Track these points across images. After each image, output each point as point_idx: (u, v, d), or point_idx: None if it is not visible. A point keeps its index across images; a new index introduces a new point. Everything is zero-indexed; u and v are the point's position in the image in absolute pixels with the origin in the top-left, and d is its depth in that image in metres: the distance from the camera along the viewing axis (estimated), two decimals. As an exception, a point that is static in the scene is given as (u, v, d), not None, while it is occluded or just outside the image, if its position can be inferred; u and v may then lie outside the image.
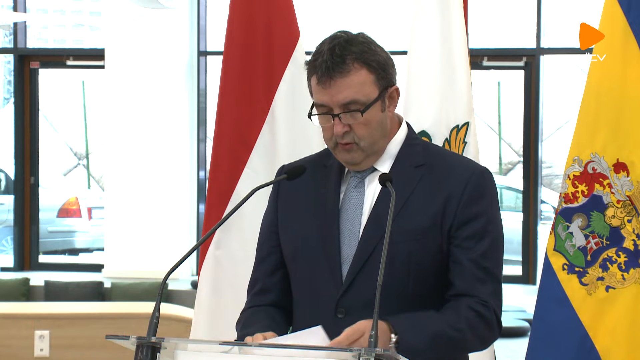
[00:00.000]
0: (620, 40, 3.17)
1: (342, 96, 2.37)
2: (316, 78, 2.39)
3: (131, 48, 9.80)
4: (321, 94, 2.39)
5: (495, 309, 2.43)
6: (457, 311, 2.39)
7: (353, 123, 2.39)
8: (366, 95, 2.39)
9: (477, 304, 2.40)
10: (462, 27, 3.53)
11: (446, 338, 2.35)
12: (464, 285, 2.41)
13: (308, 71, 2.44)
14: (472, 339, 2.41)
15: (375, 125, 2.42)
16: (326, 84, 2.37)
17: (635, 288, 3.16)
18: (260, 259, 2.60)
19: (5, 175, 12.10)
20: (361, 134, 2.40)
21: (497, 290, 2.45)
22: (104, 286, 9.15)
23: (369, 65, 2.39)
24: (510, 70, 10.16)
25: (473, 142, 3.53)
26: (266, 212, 2.62)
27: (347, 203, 2.48)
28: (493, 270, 2.44)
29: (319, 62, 2.38)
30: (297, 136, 3.51)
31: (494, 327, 2.43)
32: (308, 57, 2.46)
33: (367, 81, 2.39)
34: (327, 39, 2.43)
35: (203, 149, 10.13)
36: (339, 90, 2.37)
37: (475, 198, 2.43)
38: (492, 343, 2.51)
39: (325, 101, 2.39)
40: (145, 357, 2.13)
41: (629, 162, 3.17)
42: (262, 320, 2.46)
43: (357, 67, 2.38)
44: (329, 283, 2.43)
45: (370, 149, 2.44)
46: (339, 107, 2.38)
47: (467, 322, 2.37)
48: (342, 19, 10.75)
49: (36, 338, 5.43)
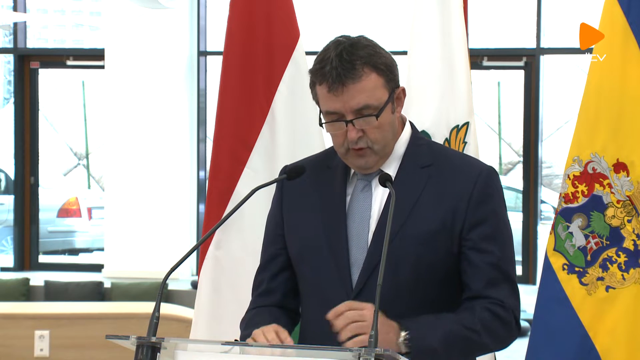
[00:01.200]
0: (620, 40, 3.17)
1: (354, 102, 2.35)
2: (326, 86, 2.36)
3: (131, 48, 9.80)
4: (332, 102, 2.37)
5: (514, 309, 2.43)
6: (471, 312, 2.38)
7: (366, 128, 2.38)
8: (378, 99, 2.37)
9: (493, 305, 2.40)
10: (462, 27, 3.53)
11: (460, 337, 2.34)
12: (480, 287, 2.41)
13: (314, 79, 2.40)
14: (489, 340, 2.40)
15: (387, 127, 2.41)
16: (338, 91, 2.35)
17: (635, 288, 3.16)
18: (266, 260, 2.59)
19: (5, 175, 12.10)
20: (374, 138, 2.39)
21: (514, 290, 2.46)
22: (104, 286, 9.14)
23: (377, 68, 2.38)
24: (510, 70, 10.16)
25: (473, 142, 3.53)
26: (271, 214, 2.61)
27: (354, 207, 2.47)
28: (509, 271, 2.44)
29: (327, 70, 2.35)
30: (297, 136, 3.51)
31: (512, 327, 2.44)
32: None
33: (378, 85, 2.38)
34: (331, 45, 2.40)
35: (203, 149, 10.13)
36: (351, 97, 2.35)
37: (485, 198, 2.43)
38: (510, 343, 2.50)
39: (338, 108, 2.37)
40: (145, 357, 2.13)
41: (629, 162, 3.17)
42: (266, 320, 2.45)
43: (367, 71, 2.36)
44: (339, 288, 2.42)
45: (383, 152, 2.43)
46: (352, 113, 2.36)
47: (483, 322, 2.37)
48: (342, 19, 10.75)
49: (36, 338, 5.43)
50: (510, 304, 2.43)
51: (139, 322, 5.31)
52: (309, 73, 2.44)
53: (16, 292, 9.03)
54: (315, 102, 2.45)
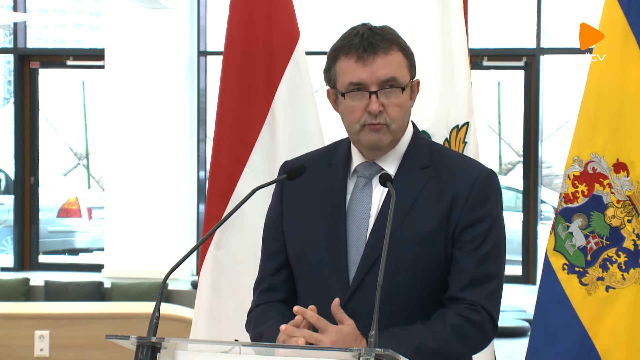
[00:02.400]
0: (620, 40, 3.17)
1: (382, 73, 2.38)
2: (355, 55, 2.37)
3: (131, 48, 9.80)
4: (360, 71, 2.38)
5: (490, 310, 2.41)
6: (442, 320, 2.38)
7: (388, 103, 2.39)
8: (403, 75, 2.41)
9: (465, 310, 2.39)
10: (462, 27, 3.53)
11: (429, 348, 2.33)
12: (458, 289, 2.40)
13: (338, 53, 2.42)
14: (460, 346, 2.39)
15: (405, 109, 2.44)
16: (367, 60, 2.37)
17: (635, 288, 3.16)
18: (266, 257, 2.59)
19: (5, 175, 12.10)
20: (394, 115, 2.40)
21: (495, 292, 2.44)
22: (104, 286, 9.15)
23: (404, 50, 2.43)
24: (510, 70, 10.16)
25: (473, 142, 3.52)
26: (270, 210, 2.61)
27: (354, 205, 2.46)
28: (492, 273, 2.43)
29: (357, 41, 2.38)
30: (297, 136, 3.51)
31: (486, 329, 2.42)
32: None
33: (403, 64, 2.42)
34: (358, 26, 2.43)
35: (203, 149, 10.13)
36: (380, 67, 2.37)
37: (481, 201, 2.43)
38: (486, 345, 2.49)
39: (364, 78, 2.38)
40: (145, 357, 2.13)
41: (629, 162, 3.17)
42: (274, 317, 2.45)
43: (395, 48, 2.41)
44: (335, 286, 2.43)
45: (398, 133, 2.44)
46: (377, 85, 2.38)
47: (453, 329, 2.36)
48: (342, 19, 10.75)
49: (36, 338, 5.43)
50: (486, 305, 2.41)
51: (139, 322, 5.31)
52: (330, 52, 2.44)
53: (16, 292, 9.03)
54: (331, 83, 2.45)
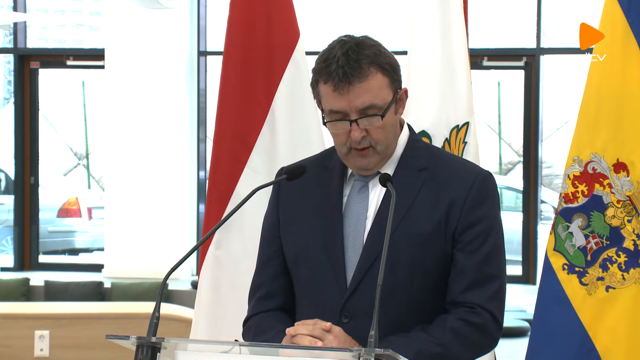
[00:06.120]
0: (620, 40, 3.17)
1: (360, 101, 2.34)
2: (332, 85, 2.34)
3: (131, 48, 9.80)
4: (337, 101, 2.35)
5: (493, 311, 2.41)
6: (442, 324, 2.37)
7: (370, 128, 2.37)
8: (383, 99, 2.37)
9: (466, 313, 2.39)
10: (462, 27, 3.53)
11: (430, 354, 2.32)
12: (458, 291, 2.40)
13: (317, 78, 2.39)
14: (462, 349, 2.38)
15: (390, 128, 2.41)
16: (344, 90, 2.34)
17: (635, 288, 3.16)
18: (263, 262, 2.58)
19: (5, 175, 12.10)
20: (377, 138, 2.38)
21: (498, 292, 2.43)
22: (104, 286, 9.15)
23: (383, 68, 2.37)
24: (510, 70, 10.16)
25: (473, 142, 3.53)
26: (267, 214, 2.60)
27: (350, 207, 2.46)
28: (494, 273, 2.43)
29: (333, 69, 2.34)
30: (297, 136, 3.51)
31: (490, 331, 2.42)
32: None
33: (383, 85, 2.37)
34: (336, 44, 2.38)
35: (203, 149, 10.13)
36: (357, 96, 2.34)
37: (479, 203, 2.42)
38: (493, 347, 2.48)
39: (342, 107, 2.36)
40: (145, 357, 2.13)
41: (629, 162, 3.17)
42: (276, 326, 2.44)
43: (373, 71, 2.35)
44: (333, 288, 2.42)
45: (385, 152, 2.43)
46: (357, 113, 2.35)
47: (454, 333, 2.35)
48: (342, 19, 10.75)
49: (36, 338, 5.43)
50: (488, 306, 2.40)
51: (139, 322, 5.32)
52: (312, 72, 2.42)
53: (16, 292, 9.04)
54: (317, 102, 2.44)
